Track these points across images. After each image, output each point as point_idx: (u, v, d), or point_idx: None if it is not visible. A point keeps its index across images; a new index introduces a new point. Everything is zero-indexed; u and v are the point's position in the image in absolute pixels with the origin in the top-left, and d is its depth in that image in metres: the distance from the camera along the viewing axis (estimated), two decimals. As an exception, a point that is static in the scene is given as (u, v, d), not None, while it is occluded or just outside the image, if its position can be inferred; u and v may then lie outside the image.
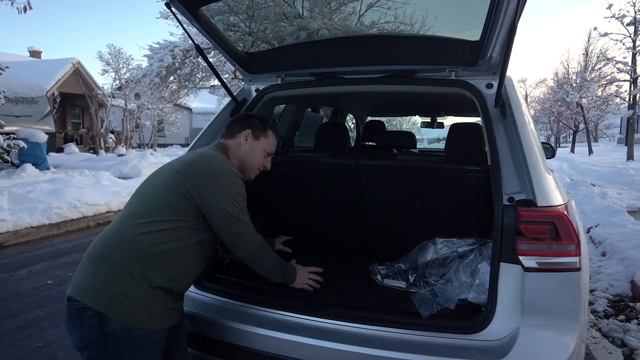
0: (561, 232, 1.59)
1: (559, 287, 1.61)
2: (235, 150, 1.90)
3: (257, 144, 1.93)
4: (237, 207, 1.72)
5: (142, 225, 1.62)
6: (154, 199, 1.71)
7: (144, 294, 1.57)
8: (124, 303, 1.53)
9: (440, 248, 2.16)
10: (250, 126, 1.93)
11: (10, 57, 21.42)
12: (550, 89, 30.71)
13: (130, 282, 1.55)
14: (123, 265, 1.56)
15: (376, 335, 1.71)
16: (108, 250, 1.60)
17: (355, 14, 2.40)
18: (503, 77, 1.83)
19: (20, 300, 4.06)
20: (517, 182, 1.73)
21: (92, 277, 1.56)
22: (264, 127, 1.96)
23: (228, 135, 1.93)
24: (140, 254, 1.58)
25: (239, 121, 1.97)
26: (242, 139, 1.91)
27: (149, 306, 1.58)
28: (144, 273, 1.57)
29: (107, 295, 1.53)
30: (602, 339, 3.42)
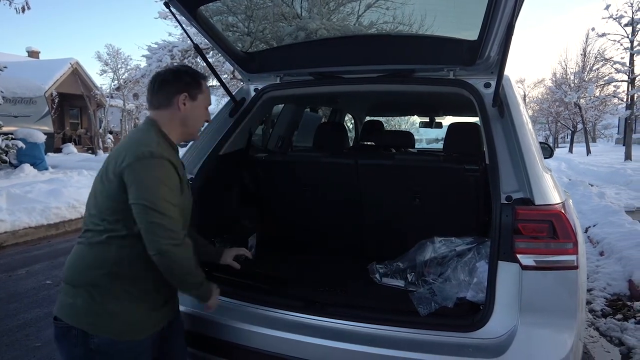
0: (559, 230, 1.60)
1: (557, 285, 1.62)
2: (170, 118, 1.65)
3: (196, 104, 1.68)
4: (155, 194, 1.47)
5: (93, 237, 1.55)
6: (96, 207, 1.57)
7: (124, 308, 1.54)
8: (105, 319, 1.52)
9: (439, 247, 2.17)
10: (185, 87, 1.65)
11: (9, 57, 21.38)
12: (548, 89, 30.77)
13: (107, 298, 1.53)
14: (96, 284, 1.53)
15: (375, 333, 1.72)
16: (78, 272, 1.56)
17: (353, 14, 2.40)
18: (501, 77, 1.84)
19: (18, 300, 4.06)
20: (515, 181, 1.74)
21: (72, 298, 1.54)
22: (198, 83, 1.69)
23: (160, 105, 1.65)
24: (108, 268, 1.53)
25: (168, 84, 1.65)
26: (180, 104, 1.64)
27: (131, 319, 1.56)
28: (117, 287, 1.54)
29: (87, 314, 1.51)
30: (600, 338, 3.43)
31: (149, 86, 1.69)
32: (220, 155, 2.31)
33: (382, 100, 4.09)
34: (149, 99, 1.69)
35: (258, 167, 2.43)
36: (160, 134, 1.63)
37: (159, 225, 1.47)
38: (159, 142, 1.58)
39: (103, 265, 1.53)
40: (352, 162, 2.39)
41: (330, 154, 2.55)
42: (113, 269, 1.53)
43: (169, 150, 1.61)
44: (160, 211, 1.47)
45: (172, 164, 1.55)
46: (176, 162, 1.60)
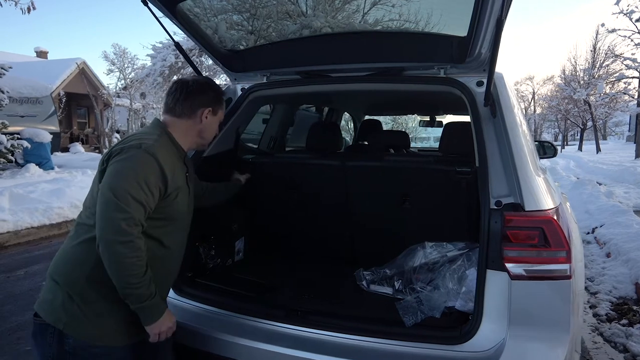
0: (550, 238, 1.50)
1: (549, 296, 1.53)
2: (189, 127, 1.69)
3: (216, 118, 1.77)
4: (123, 184, 1.42)
5: (83, 232, 1.54)
6: (88, 200, 1.56)
7: (102, 312, 1.51)
8: (82, 320, 1.49)
9: (430, 252, 2.08)
10: (210, 102, 1.71)
11: (17, 57, 21.60)
12: (557, 86, 30.36)
13: (87, 300, 1.49)
14: (77, 284, 1.50)
15: (357, 345, 1.64)
16: (62, 270, 1.55)
17: (359, 12, 2.33)
18: (492, 74, 1.74)
19: (13, 302, 4.04)
20: (506, 185, 1.65)
21: (52, 294, 1.53)
22: (220, 99, 1.78)
23: (183, 113, 1.67)
24: (89, 269, 1.50)
25: (196, 97, 1.69)
26: (203, 117, 1.70)
27: (109, 323, 1.52)
28: (97, 289, 1.50)
29: (65, 313, 1.49)
30: (604, 344, 3.32)
31: (173, 92, 1.69)
32: (204, 157, 2.24)
33: (377, 99, 4.00)
34: (170, 105, 1.69)
35: (245, 169, 2.35)
36: (167, 136, 1.63)
37: (110, 217, 1.41)
38: (157, 141, 1.55)
39: (86, 266, 1.50)
40: (338, 163, 2.31)
41: (318, 155, 2.47)
42: (95, 272, 1.48)
43: (168, 151, 1.58)
44: (118, 203, 1.41)
45: (158, 163, 1.50)
46: (171, 164, 1.57)
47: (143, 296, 1.48)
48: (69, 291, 1.49)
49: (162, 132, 1.62)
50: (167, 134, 1.64)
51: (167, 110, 1.70)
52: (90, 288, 1.49)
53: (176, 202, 1.60)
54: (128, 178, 1.43)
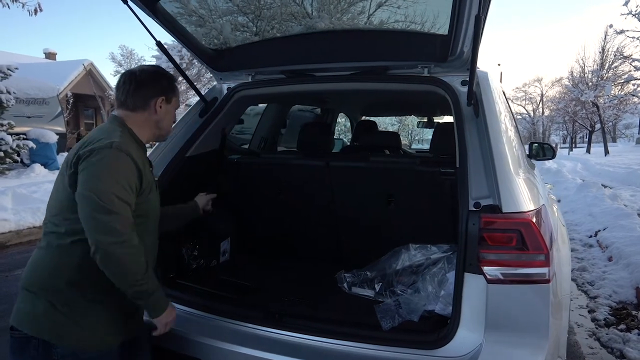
0: (528, 241, 1.46)
1: (526, 300, 1.49)
2: (145, 120, 1.64)
3: (170, 106, 1.70)
4: (104, 186, 1.39)
5: (55, 239, 1.47)
6: (58, 206, 1.50)
7: (88, 317, 1.47)
8: (69, 326, 1.44)
9: (414, 254, 2.05)
10: (162, 91, 1.65)
11: (26, 59, 21.84)
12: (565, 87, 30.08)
13: (71, 305, 1.45)
14: (58, 291, 1.45)
15: (332, 349, 1.62)
16: (38, 279, 1.49)
17: (364, 13, 2.31)
18: (473, 73, 1.71)
19: (8, 302, 4.04)
20: (486, 186, 1.61)
21: (30, 305, 1.46)
22: (173, 86, 1.71)
23: (136, 106, 1.62)
24: (68, 274, 1.45)
25: (147, 87, 1.63)
26: (157, 107, 1.64)
27: (94, 328, 1.48)
28: (80, 292, 1.46)
29: (49, 322, 1.43)
30: (601, 350, 3.26)
31: (122, 85, 1.63)
32: (188, 157, 2.22)
33: (369, 99, 3.97)
34: (122, 99, 1.63)
35: (230, 169, 2.33)
36: (127, 131, 1.58)
37: (101, 221, 1.37)
38: (123, 137, 1.52)
39: (65, 271, 1.45)
40: (322, 164, 2.28)
41: (303, 156, 2.45)
42: (76, 276, 1.45)
43: (134, 147, 1.55)
44: (105, 206, 1.37)
45: (132, 159, 1.47)
46: (141, 159, 1.54)
47: (150, 289, 1.48)
48: (51, 299, 1.44)
49: (124, 127, 1.58)
50: (128, 129, 1.59)
51: (120, 104, 1.64)
52: (72, 292, 1.45)
53: (149, 197, 1.59)
54: (109, 179, 1.40)
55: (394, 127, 17.50)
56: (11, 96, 10.89)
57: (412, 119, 20.89)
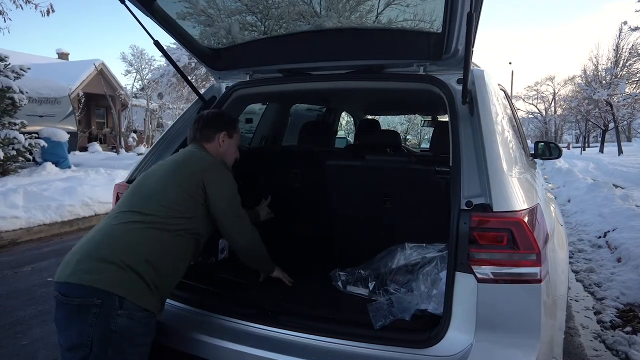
0: (519, 240, 1.45)
1: (517, 300, 1.47)
2: (213, 152, 1.99)
3: (232, 141, 2.06)
4: (237, 196, 1.89)
5: (141, 223, 1.67)
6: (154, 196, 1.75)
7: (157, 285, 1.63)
8: (141, 288, 1.58)
9: (410, 253, 2.04)
10: (224, 127, 2.03)
11: (40, 59, 22.18)
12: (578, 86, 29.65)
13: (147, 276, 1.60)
14: (131, 267, 1.58)
15: (323, 346, 1.62)
16: (112, 253, 1.60)
17: (372, 11, 2.31)
18: (467, 71, 1.69)
19: (17, 297, 4.12)
20: (479, 185, 1.60)
21: (99, 273, 1.55)
22: (234, 124, 2.08)
23: (203, 139, 2.00)
24: (142, 253, 1.62)
25: (212, 124, 2.02)
26: (220, 142, 2.01)
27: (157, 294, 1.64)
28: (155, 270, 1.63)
29: (127, 282, 1.56)
30: (605, 352, 3.21)
31: (194, 124, 2.05)
32: None
33: (369, 98, 3.95)
34: (192, 135, 2.04)
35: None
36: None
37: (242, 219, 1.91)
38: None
39: (140, 251, 1.62)
40: (318, 162, 2.28)
41: (299, 154, 2.45)
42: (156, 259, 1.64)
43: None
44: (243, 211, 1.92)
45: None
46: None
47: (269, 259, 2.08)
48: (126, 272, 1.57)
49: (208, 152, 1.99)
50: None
51: (191, 140, 2.04)
52: (152, 268, 1.62)
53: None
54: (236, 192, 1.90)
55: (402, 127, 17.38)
56: (24, 96, 11.06)
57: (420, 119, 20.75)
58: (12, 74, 10.84)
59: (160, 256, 1.66)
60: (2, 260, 5.39)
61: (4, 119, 10.63)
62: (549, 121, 44.00)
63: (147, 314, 1.59)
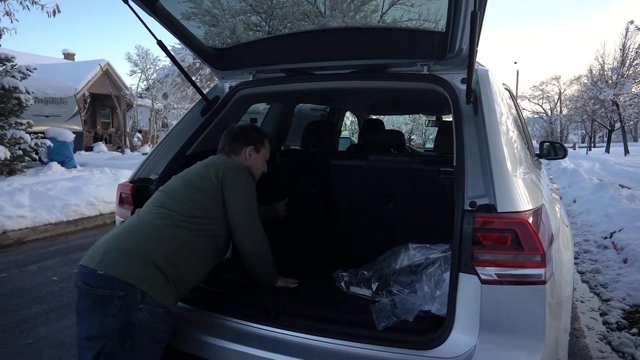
0: (523, 241, 1.43)
1: (521, 302, 1.46)
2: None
3: (259, 156, 2.10)
4: (254, 200, 1.92)
5: (165, 220, 1.73)
6: (178, 195, 1.83)
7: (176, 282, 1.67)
8: (162, 284, 1.62)
9: (414, 254, 2.03)
10: (251, 141, 2.08)
11: (46, 59, 22.30)
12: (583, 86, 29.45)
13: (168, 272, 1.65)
14: (154, 263, 1.62)
15: (325, 347, 1.61)
16: (138, 248, 1.65)
17: (377, 11, 2.30)
18: (471, 70, 1.68)
19: (22, 296, 4.14)
20: (482, 185, 1.58)
21: (125, 266, 1.59)
22: (261, 139, 2.13)
23: (231, 152, 2.06)
24: (165, 250, 1.66)
25: (239, 138, 2.08)
26: (247, 155, 2.06)
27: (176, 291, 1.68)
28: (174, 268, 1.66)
29: (151, 277, 1.60)
30: (611, 354, 3.18)
31: (225, 135, 2.12)
32: (188, 156, 2.24)
33: (373, 98, 3.94)
34: (220, 147, 2.10)
35: None
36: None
37: (258, 230, 1.92)
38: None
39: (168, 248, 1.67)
40: (322, 162, 2.27)
41: (302, 154, 2.44)
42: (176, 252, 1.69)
43: None
44: (256, 212, 1.92)
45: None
46: None
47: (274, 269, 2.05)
48: (158, 264, 1.62)
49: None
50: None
51: (220, 151, 2.09)
52: (173, 265, 1.66)
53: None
54: (254, 196, 1.93)
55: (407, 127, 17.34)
56: (30, 96, 11.13)
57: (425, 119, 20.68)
58: (18, 74, 10.91)
59: (180, 254, 1.69)
60: (8, 259, 5.42)
61: (11, 118, 10.71)
62: (554, 121, 43.74)
63: (166, 311, 1.62)
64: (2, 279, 4.63)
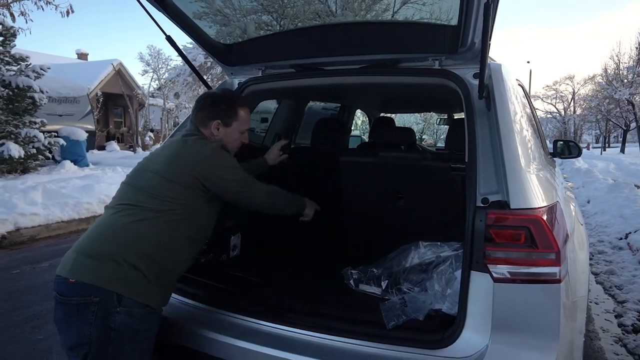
0: (537, 238, 1.39)
1: (535, 301, 1.42)
2: (209, 137, 1.87)
3: (230, 129, 1.89)
4: (238, 173, 1.79)
5: (135, 215, 1.62)
6: (147, 188, 1.69)
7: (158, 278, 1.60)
8: (141, 284, 1.55)
9: (424, 252, 1.99)
10: (219, 115, 1.86)
11: (59, 59, 22.61)
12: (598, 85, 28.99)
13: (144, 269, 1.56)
14: (128, 262, 1.54)
15: (333, 345, 1.59)
16: (108, 249, 1.56)
17: (388, 10, 2.29)
18: (484, 65, 1.64)
19: (34, 293, 4.19)
20: (495, 181, 1.55)
21: (96, 270, 1.53)
22: (233, 112, 1.89)
23: (199, 124, 1.88)
24: (139, 246, 1.58)
25: (206, 109, 1.88)
26: (214, 130, 1.86)
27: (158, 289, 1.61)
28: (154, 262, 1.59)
29: (124, 279, 1.52)
30: (627, 357, 3.11)
31: (194, 105, 1.93)
32: None
33: (384, 95, 3.89)
34: (191, 117, 1.93)
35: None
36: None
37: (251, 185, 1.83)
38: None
39: (138, 244, 1.58)
40: (331, 159, 2.25)
41: (312, 152, 2.42)
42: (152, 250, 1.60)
43: None
44: (248, 181, 1.82)
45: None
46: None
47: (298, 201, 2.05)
48: (134, 263, 1.54)
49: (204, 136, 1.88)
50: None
51: (190, 121, 1.93)
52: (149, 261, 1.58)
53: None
54: (235, 166, 1.81)
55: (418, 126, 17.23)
56: (44, 95, 11.28)
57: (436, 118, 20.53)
58: (32, 74, 11.06)
59: (159, 248, 1.61)
60: (21, 256, 5.49)
61: (25, 117, 10.86)
62: (567, 121, 43.16)
63: (147, 310, 1.56)
64: (15, 276, 4.68)
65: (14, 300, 3.96)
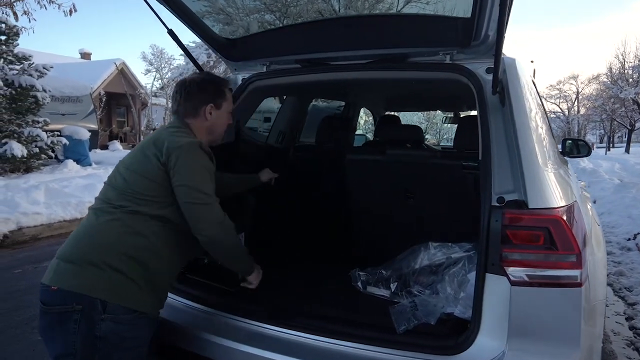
0: (557, 239, 1.33)
1: (555, 305, 1.35)
2: (200, 126, 1.76)
3: (221, 111, 1.81)
4: (202, 179, 1.57)
5: (114, 216, 1.53)
6: (125, 188, 1.58)
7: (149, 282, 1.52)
8: (126, 288, 1.47)
9: (434, 253, 1.93)
10: (210, 97, 1.76)
11: (63, 59, 22.63)
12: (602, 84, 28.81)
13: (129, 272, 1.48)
14: (110, 266, 1.46)
15: (340, 350, 1.52)
16: (88, 253, 1.49)
17: (392, 9, 2.24)
18: (499, 59, 1.57)
19: (36, 292, 4.01)
20: (511, 180, 1.48)
21: (77, 276, 1.46)
22: (221, 92, 1.81)
23: (187, 114, 1.75)
24: (121, 248, 1.49)
25: (194, 96, 1.76)
26: (207, 115, 1.76)
27: (148, 292, 1.53)
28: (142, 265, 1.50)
29: (107, 284, 1.45)
30: (639, 361, 3.04)
31: (174, 95, 1.79)
32: None
33: (391, 92, 3.82)
34: (174, 109, 1.79)
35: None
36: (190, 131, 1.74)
37: (208, 204, 1.57)
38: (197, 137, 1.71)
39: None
40: (337, 157, 2.19)
41: (318, 150, 2.36)
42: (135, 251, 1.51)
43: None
44: (208, 193, 1.57)
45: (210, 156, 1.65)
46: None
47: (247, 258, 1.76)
48: (117, 267, 1.47)
49: (189, 129, 1.73)
50: (191, 131, 1.74)
51: (173, 112, 1.80)
52: (133, 263, 1.49)
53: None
54: (202, 173, 1.58)
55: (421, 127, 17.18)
56: (47, 94, 11.26)
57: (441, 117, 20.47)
58: (35, 73, 11.04)
59: (144, 249, 1.51)
60: (23, 255, 5.46)
61: (28, 117, 10.84)
62: (571, 121, 42.94)
63: (136, 315, 1.48)
64: (17, 275, 4.64)
65: (15, 300, 3.92)
